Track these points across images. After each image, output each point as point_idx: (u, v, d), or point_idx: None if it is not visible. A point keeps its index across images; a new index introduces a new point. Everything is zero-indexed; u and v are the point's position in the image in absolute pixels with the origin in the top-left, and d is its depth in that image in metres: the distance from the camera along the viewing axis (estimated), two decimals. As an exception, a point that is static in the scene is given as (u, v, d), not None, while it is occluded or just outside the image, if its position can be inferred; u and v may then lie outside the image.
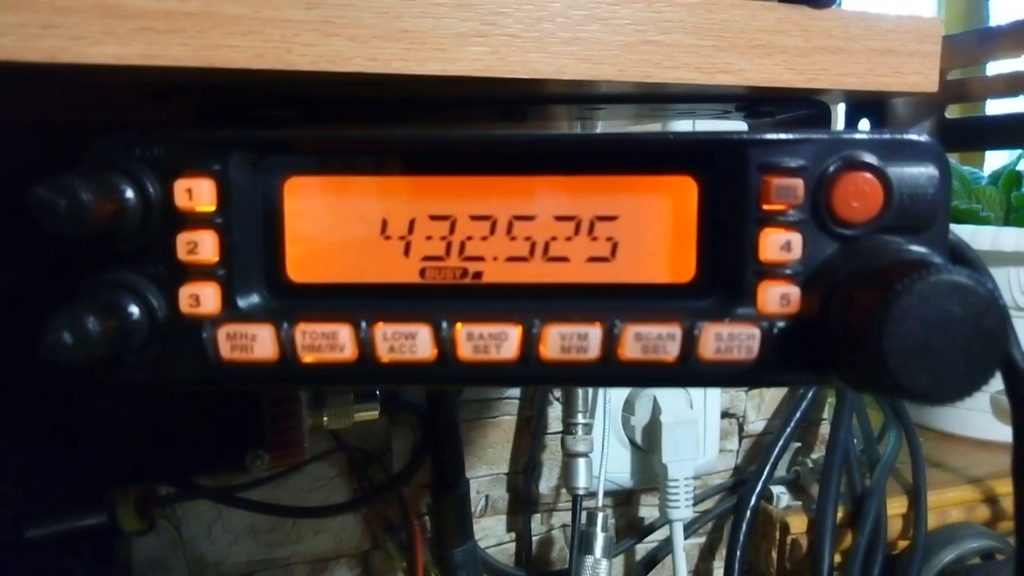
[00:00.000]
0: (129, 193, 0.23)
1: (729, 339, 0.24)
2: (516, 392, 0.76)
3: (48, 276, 0.45)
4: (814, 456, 0.85)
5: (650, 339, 0.24)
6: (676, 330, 0.24)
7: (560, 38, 0.28)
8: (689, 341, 0.24)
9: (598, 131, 0.65)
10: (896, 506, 0.78)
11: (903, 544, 0.78)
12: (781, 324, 0.25)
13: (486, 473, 0.77)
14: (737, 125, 0.43)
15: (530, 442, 0.77)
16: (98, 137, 0.25)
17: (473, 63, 0.27)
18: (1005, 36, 0.34)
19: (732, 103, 0.36)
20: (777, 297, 0.24)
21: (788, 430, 0.81)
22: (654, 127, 0.70)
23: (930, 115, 0.38)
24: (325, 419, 0.58)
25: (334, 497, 0.71)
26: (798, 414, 0.81)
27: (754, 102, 0.36)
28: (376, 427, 0.70)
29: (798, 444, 0.85)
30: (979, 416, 0.90)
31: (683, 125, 0.65)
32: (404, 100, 0.34)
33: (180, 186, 0.24)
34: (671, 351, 0.24)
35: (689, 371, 0.24)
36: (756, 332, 0.24)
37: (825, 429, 0.85)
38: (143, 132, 0.24)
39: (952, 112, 0.38)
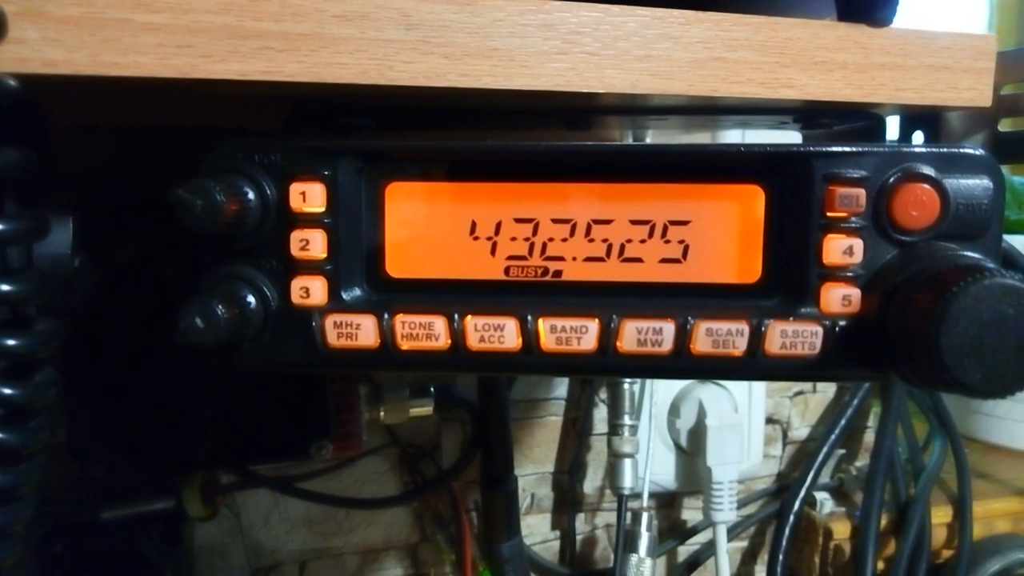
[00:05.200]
0: (251, 195, 0.26)
1: (794, 336, 0.26)
2: (563, 393, 0.78)
3: (131, 276, 0.49)
4: (858, 464, 0.85)
5: (720, 335, 0.26)
6: (744, 327, 0.26)
7: (634, 55, 0.30)
8: (756, 337, 0.26)
9: (649, 139, 0.67)
10: (941, 515, 0.78)
11: (948, 553, 0.79)
12: (842, 323, 0.26)
13: (532, 472, 0.79)
14: (791, 135, 0.45)
15: (576, 442, 0.78)
16: (211, 143, 0.28)
17: (554, 78, 0.29)
18: (1059, 53, 0.36)
19: (790, 115, 0.38)
20: (839, 298, 0.26)
21: (833, 436, 0.81)
22: (703, 136, 0.72)
23: (983, 128, 0.39)
24: (382, 413, 0.60)
25: (386, 490, 0.73)
26: (843, 421, 0.82)
27: (811, 114, 0.38)
28: (427, 423, 0.72)
29: (842, 451, 0.86)
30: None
31: (733, 135, 0.67)
32: (475, 109, 0.37)
33: (295, 189, 0.27)
34: (739, 346, 0.26)
35: (756, 365, 0.26)
36: (819, 330, 0.26)
37: (870, 437, 0.85)
38: (262, 140, 0.26)
39: (1006, 125, 0.39)
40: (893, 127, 0.42)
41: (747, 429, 0.79)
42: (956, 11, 1.19)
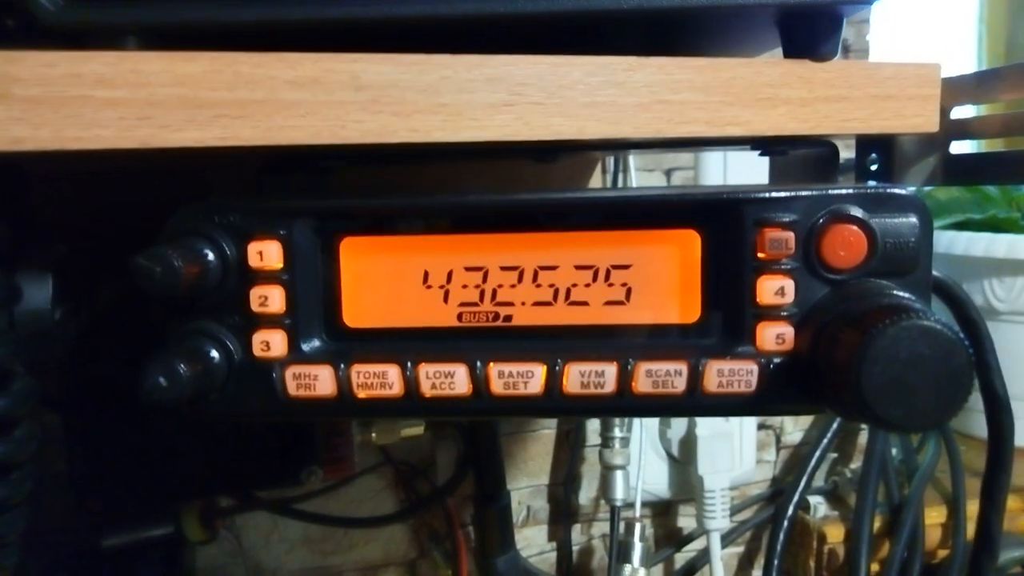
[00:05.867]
0: (211, 256, 0.27)
1: (730, 374, 0.27)
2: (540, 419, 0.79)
3: (121, 311, 0.50)
4: (852, 466, 0.86)
5: (660, 375, 0.27)
6: (683, 367, 0.27)
7: (580, 103, 0.31)
8: (694, 376, 0.27)
9: (631, 159, 0.68)
10: (935, 516, 0.79)
11: (943, 554, 0.79)
12: (777, 360, 0.28)
13: (527, 485, 0.80)
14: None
15: (569, 455, 0.80)
16: (180, 202, 0.29)
17: (502, 129, 0.30)
18: (1002, 78, 0.37)
19: (747, 144, 0.39)
20: (773, 336, 0.28)
21: (825, 441, 0.82)
22: (687, 155, 0.73)
23: (935, 151, 0.40)
24: (373, 435, 0.61)
25: (382, 508, 0.74)
26: (835, 425, 0.83)
27: (767, 142, 0.39)
28: (421, 442, 0.74)
29: (836, 455, 0.87)
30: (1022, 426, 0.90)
31: (715, 156, 0.68)
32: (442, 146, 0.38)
33: (253, 248, 0.28)
34: (678, 385, 0.28)
35: (695, 403, 0.28)
36: (754, 367, 0.27)
37: (863, 439, 0.86)
38: (221, 203, 0.28)
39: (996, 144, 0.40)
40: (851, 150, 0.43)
41: (738, 437, 0.80)
42: (944, 19, 1.19)
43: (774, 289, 0.27)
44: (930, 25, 1.18)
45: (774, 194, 0.27)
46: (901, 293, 0.26)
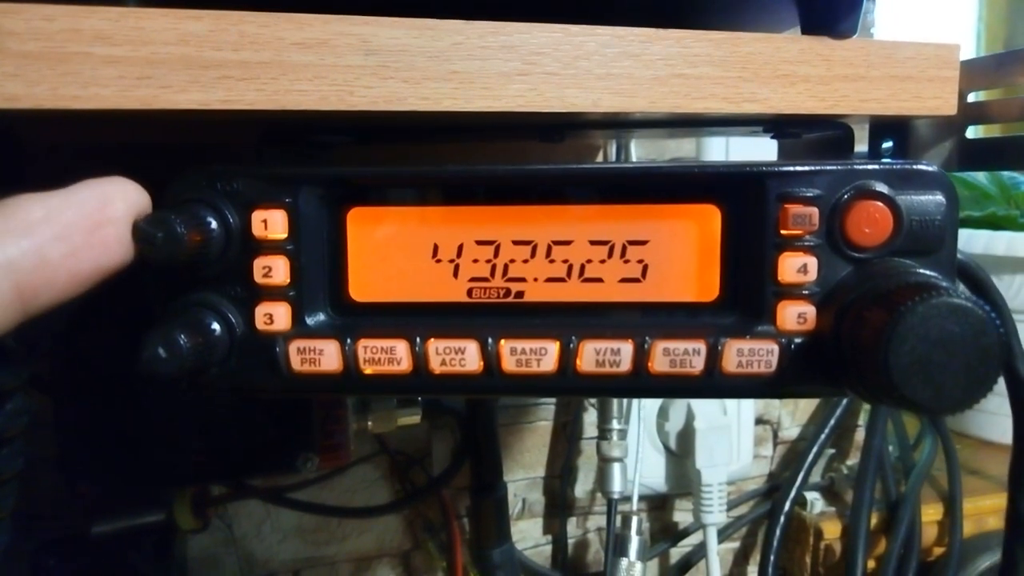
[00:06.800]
0: (213, 224, 0.26)
1: (750, 354, 0.26)
2: (552, 398, 0.78)
3: (115, 291, 0.49)
4: (849, 463, 0.86)
5: (677, 354, 0.27)
6: (701, 346, 0.27)
7: (595, 74, 0.30)
8: (713, 356, 0.27)
9: (632, 147, 0.67)
10: (932, 513, 0.79)
11: (939, 551, 0.79)
12: (798, 340, 0.27)
13: (523, 477, 0.79)
14: (768, 141, 0.45)
15: (566, 447, 0.79)
16: (186, 159, 0.28)
17: (515, 99, 0.29)
18: (1022, 60, 0.36)
19: (759, 126, 0.38)
20: (794, 315, 0.27)
21: (823, 436, 0.82)
22: (689, 142, 0.72)
23: (951, 136, 0.39)
24: (369, 423, 0.61)
25: (377, 498, 0.73)
26: (832, 421, 0.82)
27: (781, 124, 0.38)
28: (417, 431, 0.73)
29: (833, 451, 0.86)
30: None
31: (717, 141, 0.67)
32: (449, 122, 0.37)
33: (257, 217, 0.27)
34: (696, 365, 0.27)
35: (713, 383, 0.27)
36: (775, 348, 0.27)
37: (860, 436, 0.86)
38: (224, 169, 0.27)
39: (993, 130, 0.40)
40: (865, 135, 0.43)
41: (736, 431, 0.79)
42: (943, 19, 1.19)
43: (796, 267, 0.26)
44: (929, 24, 1.18)
45: (798, 168, 0.26)
46: (927, 272, 0.25)
